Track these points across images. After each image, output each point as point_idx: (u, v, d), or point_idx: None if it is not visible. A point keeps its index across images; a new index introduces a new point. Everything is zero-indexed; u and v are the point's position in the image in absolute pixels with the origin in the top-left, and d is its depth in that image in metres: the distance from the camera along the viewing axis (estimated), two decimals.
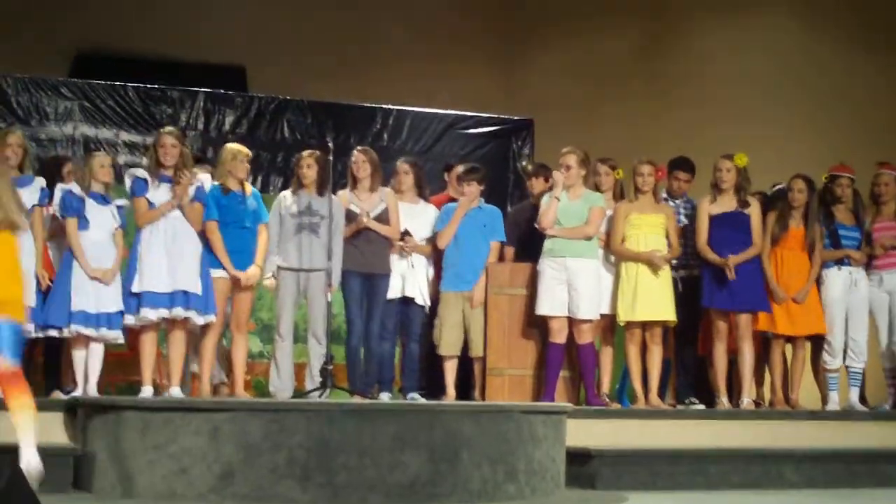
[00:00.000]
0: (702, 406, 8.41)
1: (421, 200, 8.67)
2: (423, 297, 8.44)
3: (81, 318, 7.32)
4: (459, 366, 8.47)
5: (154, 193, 7.52)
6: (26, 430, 5.38)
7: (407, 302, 8.41)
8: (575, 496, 6.67)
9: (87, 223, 7.45)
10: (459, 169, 8.88)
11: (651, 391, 8.29)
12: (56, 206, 7.50)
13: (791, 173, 8.75)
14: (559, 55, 13.58)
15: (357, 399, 7.81)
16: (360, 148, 8.60)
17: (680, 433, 7.77)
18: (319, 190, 8.16)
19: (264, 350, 10.18)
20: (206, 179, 7.78)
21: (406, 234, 8.38)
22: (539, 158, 10.60)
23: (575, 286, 8.09)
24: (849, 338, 8.60)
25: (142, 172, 7.60)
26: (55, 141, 10.31)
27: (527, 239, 8.66)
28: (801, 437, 7.97)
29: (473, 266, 8.42)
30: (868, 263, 8.70)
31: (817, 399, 8.96)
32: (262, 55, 12.69)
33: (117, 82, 10.82)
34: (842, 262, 8.61)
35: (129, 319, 7.42)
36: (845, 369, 8.68)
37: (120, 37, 12.40)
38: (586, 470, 7.08)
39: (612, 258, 8.43)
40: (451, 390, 8.37)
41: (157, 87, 10.94)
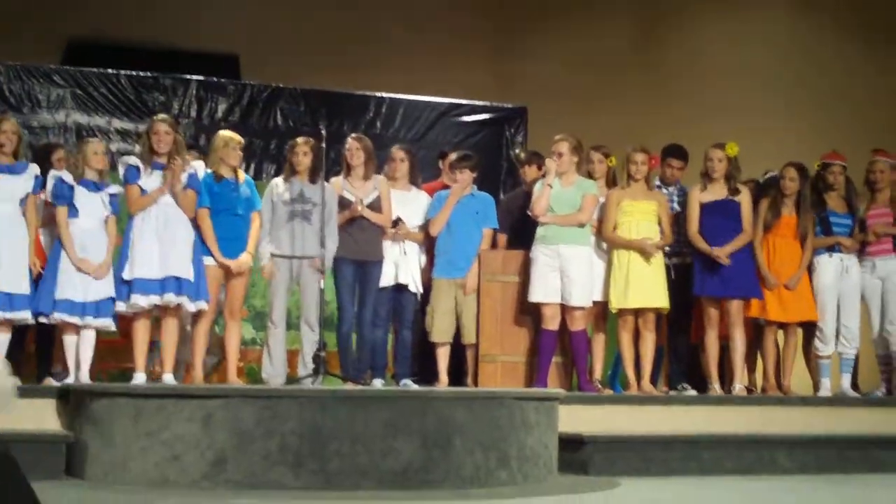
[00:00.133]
0: (694, 392, 8.43)
1: (413, 188, 8.68)
2: (415, 285, 8.44)
3: (65, 307, 7.32)
4: (452, 352, 8.48)
5: (147, 181, 7.52)
6: None
7: (399, 289, 8.40)
8: (567, 482, 6.67)
9: (76, 211, 7.44)
10: (452, 156, 8.89)
11: (644, 377, 8.30)
12: (48, 194, 7.51)
13: (785, 163, 8.76)
14: (554, 45, 13.55)
15: (349, 386, 7.82)
16: (355, 135, 8.60)
17: (672, 419, 7.78)
18: (312, 177, 8.16)
19: (257, 337, 10.18)
20: (199, 167, 7.77)
21: (398, 221, 8.38)
22: (532, 147, 10.58)
23: (567, 273, 8.10)
24: (840, 324, 8.63)
25: (134, 160, 7.60)
26: (47, 128, 10.29)
27: (519, 226, 8.66)
28: (794, 423, 7.99)
29: (466, 253, 8.43)
30: (861, 250, 8.73)
31: (809, 385, 8.98)
32: (255, 44, 12.65)
33: (110, 70, 10.79)
34: (833, 248, 8.63)
35: (120, 306, 7.43)
36: (837, 356, 8.71)
37: (112, 24, 12.35)
38: (579, 456, 7.09)
39: (603, 245, 8.44)
40: (444, 377, 8.38)
41: (149, 74, 10.90)
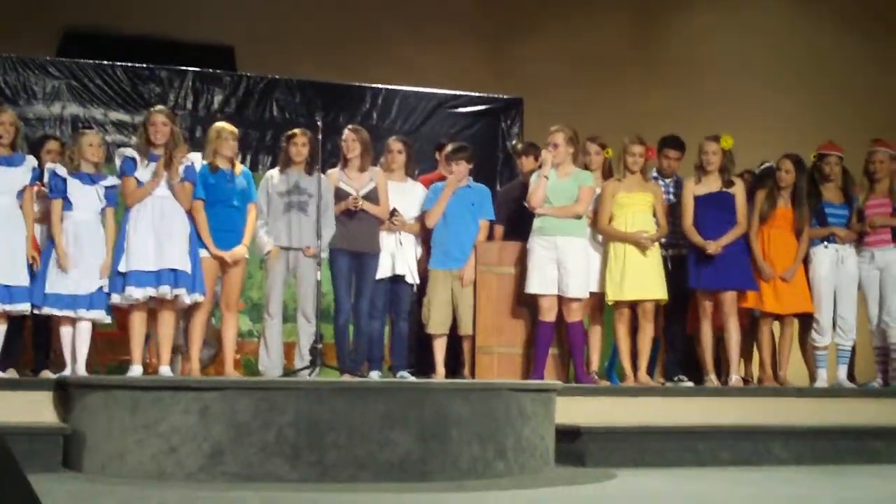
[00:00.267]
0: (690, 384, 8.44)
1: (409, 179, 8.67)
2: (412, 276, 8.44)
3: (56, 300, 7.31)
4: (449, 344, 8.48)
5: (143, 173, 7.50)
6: None
7: (396, 280, 8.41)
8: (564, 473, 6.67)
9: (70, 204, 7.43)
10: (448, 148, 8.88)
11: (640, 368, 8.31)
12: (46, 187, 7.51)
13: (781, 155, 8.76)
14: (550, 36, 13.54)
15: (346, 377, 7.82)
16: (352, 127, 8.57)
17: (669, 410, 7.78)
18: (308, 168, 8.15)
19: (254, 329, 10.17)
20: (196, 158, 7.75)
21: (394, 212, 8.38)
22: (528, 138, 10.58)
23: (564, 265, 8.09)
24: (837, 315, 8.63)
25: (131, 152, 7.58)
26: (43, 120, 10.28)
27: (516, 218, 8.66)
28: (790, 414, 7.99)
29: (462, 245, 8.42)
30: (860, 240, 8.72)
31: (806, 376, 8.99)
32: (251, 35, 12.63)
33: (105, 61, 10.77)
34: (828, 239, 8.62)
35: (115, 298, 7.42)
36: (834, 347, 8.71)
37: (108, 16, 12.32)
38: (576, 447, 7.10)
39: (599, 237, 8.44)
40: (441, 369, 8.38)
41: (145, 66, 10.89)
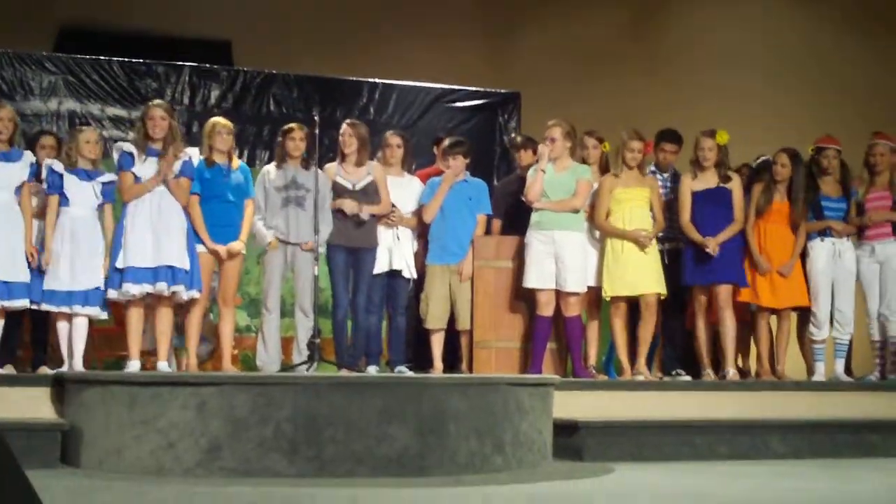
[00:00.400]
0: (688, 378, 8.44)
1: (406, 173, 8.67)
2: (409, 271, 8.44)
3: (51, 297, 7.33)
4: (446, 339, 8.49)
5: (141, 168, 7.49)
6: None
7: (393, 275, 8.40)
8: (562, 467, 6.67)
9: (67, 200, 7.43)
10: (446, 142, 8.88)
11: (639, 356, 8.29)
12: (44, 183, 7.52)
13: (778, 149, 8.75)
14: (548, 31, 13.52)
15: (344, 372, 7.82)
16: (349, 121, 8.54)
17: (667, 405, 7.78)
18: (305, 163, 8.15)
19: (251, 324, 10.17)
20: (193, 153, 7.75)
21: (392, 207, 8.37)
22: (526, 133, 10.55)
23: (562, 259, 8.09)
24: (835, 309, 8.63)
25: (128, 146, 7.57)
26: (40, 116, 10.25)
27: (514, 212, 8.66)
28: (788, 408, 7.99)
29: (459, 239, 8.43)
30: (860, 234, 8.71)
31: (803, 370, 8.99)
32: (247, 30, 12.62)
33: (102, 57, 10.75)
34: (825, 233, 8.62)
35: (112, 294, 7.42)
36: (831, 340, 8.72)
37: (104, 12, 12.30)
38: (573, 441, 7.10)
39: (596, 232, 8.43)
40: (439, 363, 8.38)
41: (142, 61, 10.86)
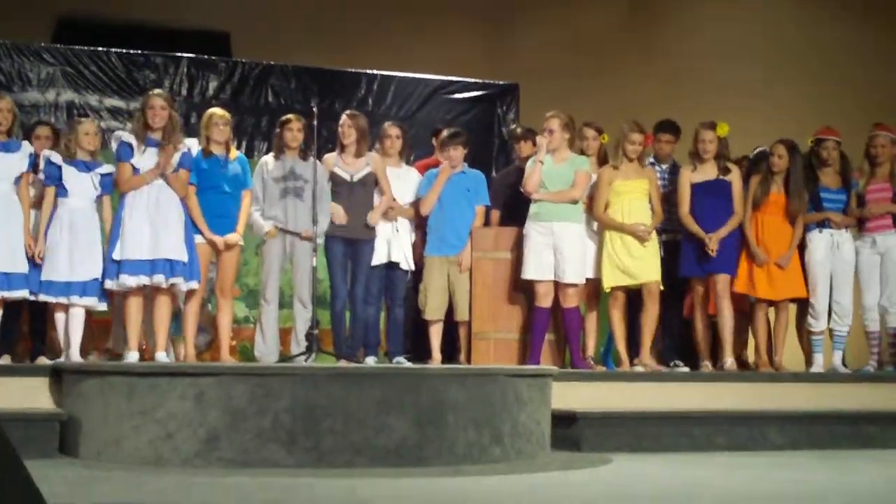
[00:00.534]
0: (686, 369, 8.44)
1: (404, 164, 8.67)
2: (407, 262, 8.44)
3: (49, 288, 7.33)
4: (445, 330, 8.49)
5: (140, 159, 7.47)
6: None
7: (391, 266, 8.40)
8: (560, 458, 6.68)
9: (65, 191, 7.43)
10: (444, 134, 8.87)
11: (644, 347, 8.28)
12: (42, 174, 7.51)
13: (775, 140, 8.73)
14: (546, 23, 13.48)
15: (343, 363, 7.82)
16: (349, 112, 8.53)
17: (665, 396, 7.79)
18: (303, 154, 8.14)
19: (250, 315, 10.17)
20: (192, 145, 7.74)
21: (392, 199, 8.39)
22: (524, 125, 10.53)
23: (561, 250, 8.09)
24: (833, 301, 8.62)
25: (128, 137, 7.53)
26: (38, 107, 10.23)
27: (512, 203, 8.65)
28: (786, 400, 8.00)
29: (458, 231, 8.43)
30: (861, 226, 8.71)
31: (801, 361, 8.99)
32: (246, 21, 12.57)
33: (100, 48, 10.73)
34: (823, 224, 8.62)
35: (109, 284, 7.41)
36: (829, 332, 8.71)
37: (102, 3, 12.25)
38: (571, 432, 7.11)
39: (594, 224, 8.42)
40: (437, 354, 8.38)
41: (140, 52, 10.84)
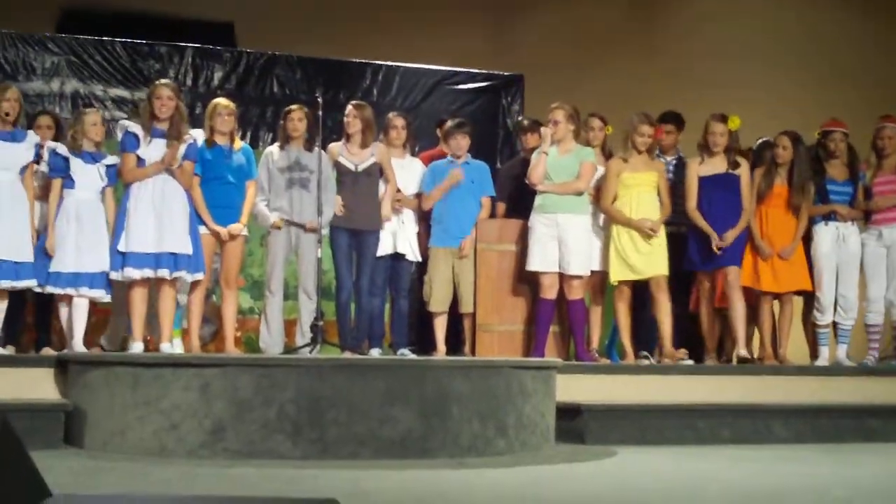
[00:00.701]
0: (691, 362, 8.42)
1: (408, 155, 8.67)
2: (413, 254, 8.43)
3: (58, 279, 7.33)
4: (449, 322, 8.48)
5: (145, 150, 7.46)
6: None
7: (396, 258, 8.39)
8: (564, 450, 6.69)
9: (72, 182, 7.42)
10: (448, 124, 8.86)
11: (665, 342, 8.25)
12: (45, 165, 7.50)
13: (779, 132, 8.71)
14: (550, 14, 13.47)
15: (347, 355, 7.82)
16: (355, 102, 8.51)
17: (669, 388, 7.79)
18: (307, 145, 8.13)
19: (255, 306, 10.17)
20: (198, 135, 7.72)
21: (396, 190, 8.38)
22: (529, 116, 10.52)
23: (566, 242, 8.08)
24: (838, 294, 8.59)
25: (134, 127, 7.51)
26: (42, 96, 10.22)
27: (517, 195, 8.64)
28: (790, 393, 8.00)
29: (462, 222, 8.41)
30: (867, 218, 8.68)
31: (806, 355, 8.98)
32: (250, 11, 12.55)
33: (105, 38, 10.72)
34: (829, 217, 8.59)
35: (114, 275, 7.41)
36: (834, 325, 8.69)
37: None
38: (576, 425, 7.12)
39: (600, 216, 8.40)
40: (442, 346, 8.38)
41: (145, 42, 10.82)
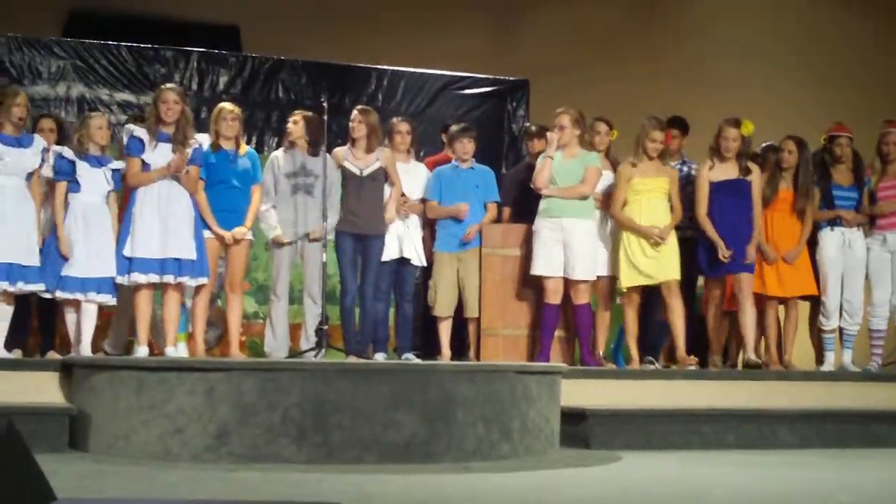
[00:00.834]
0: (696, 366, 8.41)
1: (412, 159, 8.67)
2: (419, 258, 8.43)
3: (69, 284, 7.34)
4: (454, 326, 8.48)
5: (150, 154, 7.47)
6: None
7: (401, 262, 8.39)
8: (569, 455, 6.67)
9: (78, 186, 7.43)
10: (453, 128, 8.86)
11: (679, 348, 8.24)
12: (49, 169, 7.49)
13: (784, 137, 8.70)
14: (551, 15, 13.49)
15: (352, 359, 7.82)
16: (360, 108, 8.49)
17: (674, 393, 7.77)
18: (311, 150, 8.13)
19: (259, 310, 10.17)
20: (203, 140, 7.74)
21: (402, 195, 8.37)
22: (534, 120, 10.55)
23: (571, 246, 8.07)
24: (843, 299, 8.58)
25: (139, 132, 7.52)
26: (48, 100, 10.23)
27: (522, 200, 8.64)
28: (796, 398, 7.98)
29: (467, 227, 8.40)
30: (872, 223, 8.67)
31: (811, 360, 8.97)
32: (256, 15, 12.59)
33: (110, 42, 10.74)
34: (835, 222, 8.58)
35: (120, 280, 7.43)
36: (839, 330, 8.68)
37: None
38: (581, 429, 7.10)
39: (608, 222, 8.39)
40: (446, 350, 8.38)
41: (150, 46, 10.84)
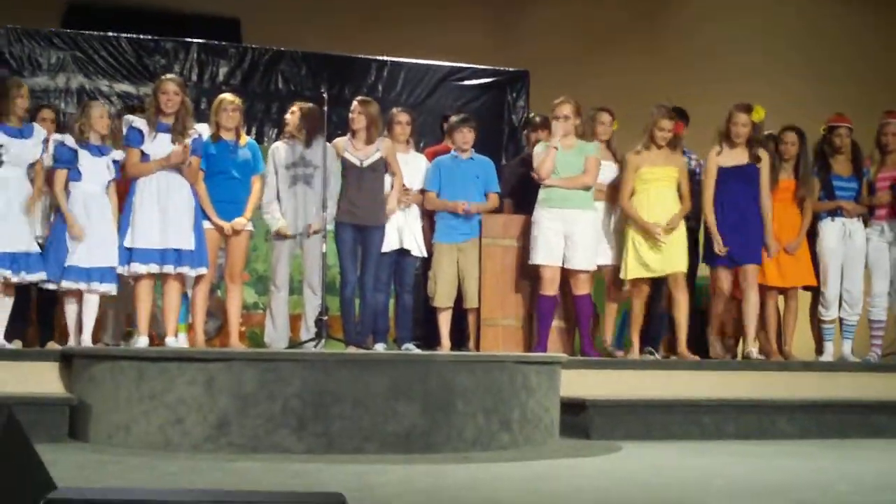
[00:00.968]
0: (696, 357, 8.40)
1: (412, 150, 8.67)
2: (419, 250, 8.43)
3: (74, 273, 7.34)
4: (454, 317, 8.48)
5: (150, 145, 7.48)
6: None
7: (401, 253, 8.38)
8: (569, 445, 6.69)
9: (79, 175, 7.43)
10: (453, 118, 8.85)
11: (680, 343, 8.24)
12: (49, 157, 7.49)
13: (784, 127, 8.69)
14: (551, 9, 13.49)
15: (352, 350, 7.83)
16: (360, 99, 8.46)
17: (674, 384, 7.79)
18: (311, 141, 8.13)
19: (259, 301, 10.18)
20: (203, 130, 7.74)
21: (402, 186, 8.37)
22: (534, 112, 10.53)
23: (571, 237, 8.06)
24: (843, 289, 8.59)
25: (139, 122, 7.53)
26: (48, 92, 10.23)
27: (522, 191, 8.63)
28: (795, 388, 7.99)
29: (466, 217, 8.39)
30: (870, 214, 8.67)
31: (811, 350, 8.98)
32: (256, 6, 12.59)
33: (110, 33, 10.73)
34: (835, 213, 8.57)
35: (120, 269, 7.44)
36: (839, 321, 8.68)
37: None
38: (581, 420, 7.12)
39: (611, 212, 8.38)
40: (446, 341, 8.38)
41: (150, 38, 10.83)
